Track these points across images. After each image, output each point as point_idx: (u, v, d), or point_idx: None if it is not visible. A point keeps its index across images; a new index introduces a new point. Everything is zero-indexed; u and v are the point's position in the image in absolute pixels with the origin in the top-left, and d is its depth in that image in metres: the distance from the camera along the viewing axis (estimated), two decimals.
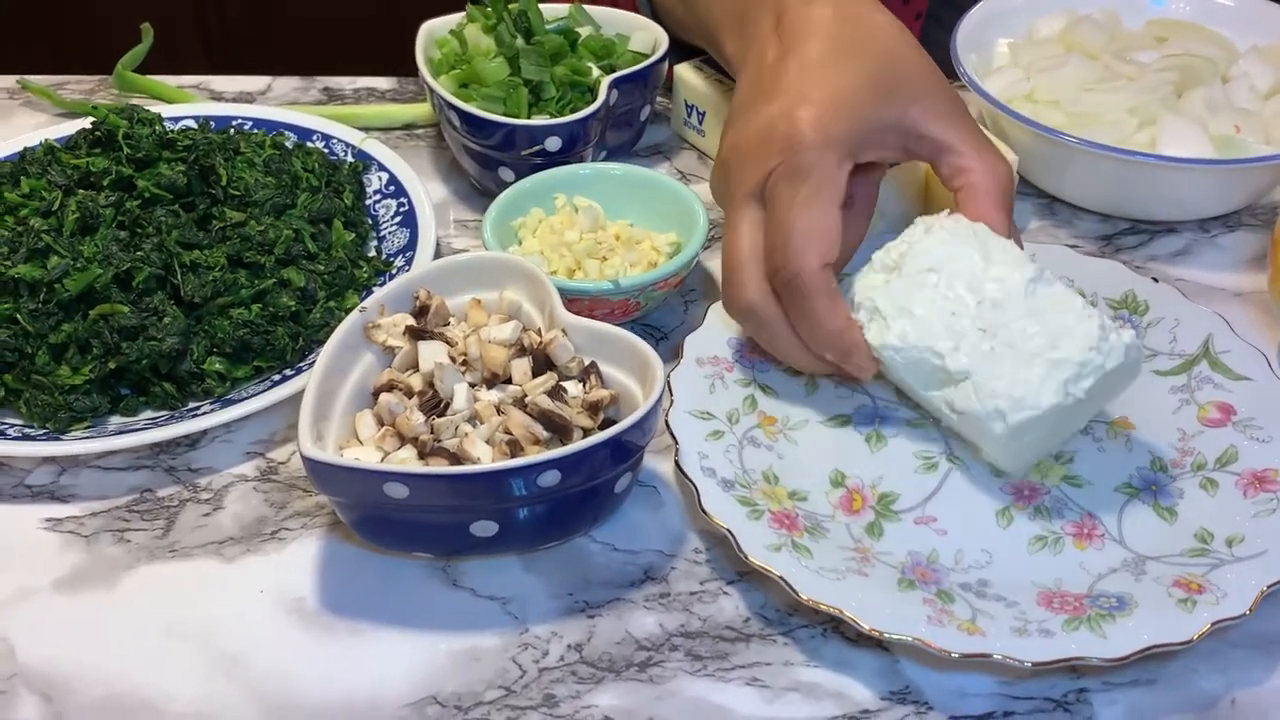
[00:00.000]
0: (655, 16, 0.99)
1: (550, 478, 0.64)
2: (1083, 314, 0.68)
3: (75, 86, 1.07)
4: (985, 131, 0.78)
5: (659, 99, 1.00)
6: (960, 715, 0.63)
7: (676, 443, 0.71)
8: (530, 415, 0.68)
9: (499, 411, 0.69)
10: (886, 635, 0.63)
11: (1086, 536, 0.70)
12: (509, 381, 0.71)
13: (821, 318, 0.70)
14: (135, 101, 1.00)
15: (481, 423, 0.68)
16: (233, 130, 0.92)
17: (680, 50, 0.98)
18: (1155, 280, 0.81)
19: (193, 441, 0.77)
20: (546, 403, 0.68)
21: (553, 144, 0.88)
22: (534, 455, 0.65)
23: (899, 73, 0.74)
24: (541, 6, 0.96)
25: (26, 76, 1.05)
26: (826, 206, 0.70)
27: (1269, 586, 0.64)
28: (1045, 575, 0.68)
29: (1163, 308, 0.80)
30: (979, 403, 0.68)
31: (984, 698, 0.64)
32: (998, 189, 0.73)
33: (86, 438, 0.74)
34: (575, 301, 0.78)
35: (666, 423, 0.72)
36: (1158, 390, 0.77)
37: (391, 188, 0.91)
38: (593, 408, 0.69)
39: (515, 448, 0.67)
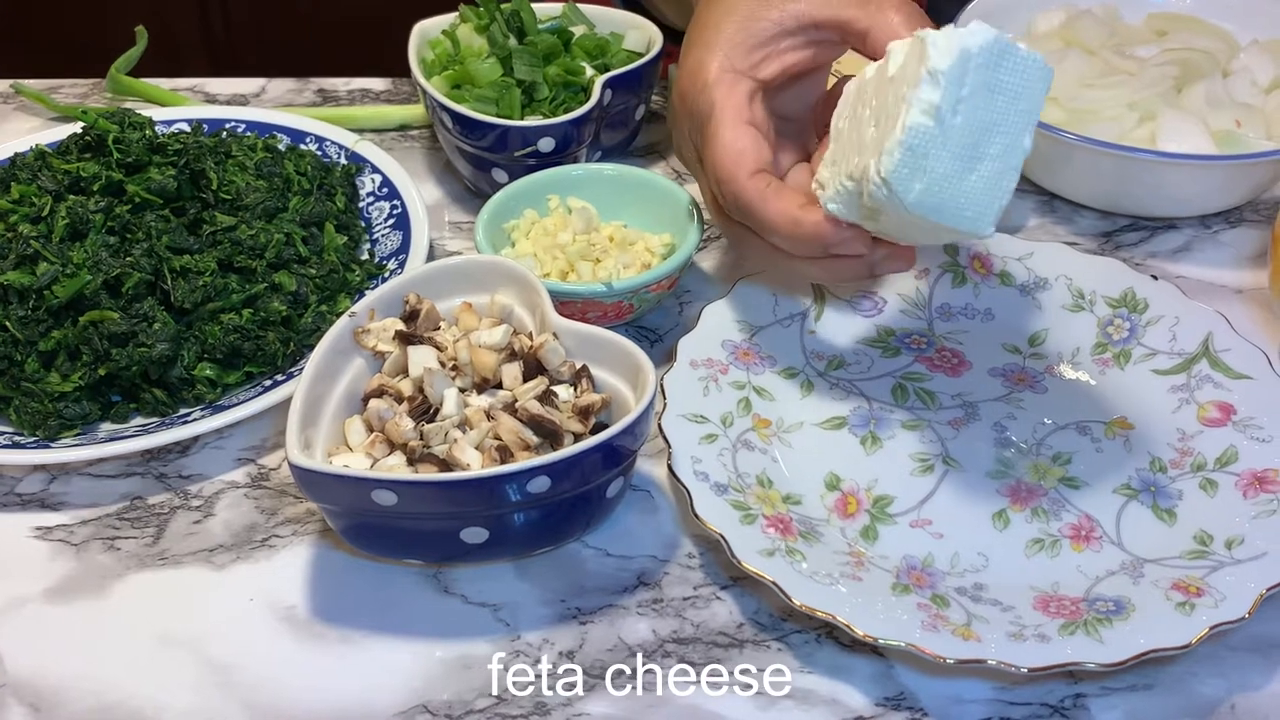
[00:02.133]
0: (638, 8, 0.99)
1: (540, 484, 0.64)
2: (925, 35, 0.62)
3: (69, 90, 1.07)
4: None
5: (654, 97, 0.99)
6: None
7: (669, 446, 0.70)
8: (521, 420, 0.68)
9: (489, 417, 0.68)
10: (881, 641, 0.62)
11: (1084, 539, 0.69)
12: (499, 386, 0.71)
13: (774, 219, 0.70)
14: (128, 105, 0.99)
15: (471, 428, 0.68)
16: (225, 133, 0.92)
17: (675, 48, 0.97)
18: (1155, 278, 0.80)
19: (183, 448, 0.76)
20: (537, 408, 0.68)
21: (546, 145, 0.87)
22: (524, 461, 0.64)
23: None
24: (535, 6, 0.95)
25: (20, 81, 1.05)
26: (733, 127, 0.72)
27: (1269, 589, 0.63)
28: (1042, 578, 0.67)
29: (1162, 306, 0.79)
30: (868, 175, 0.62)
31: (980, 703, 0.63)
32: (905, 8, 0.71)
33: (77, 445, 0.74)
34: (568, 304, 0.77)
35: (659, 426, 0.71)
36: (1157, 390, 0.76)
37: (385, 190, 0.90)
38: (584, 412, 0.69)
39: (505, 453, 0.66)
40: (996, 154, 0.62)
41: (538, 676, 0.65)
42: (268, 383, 0.78)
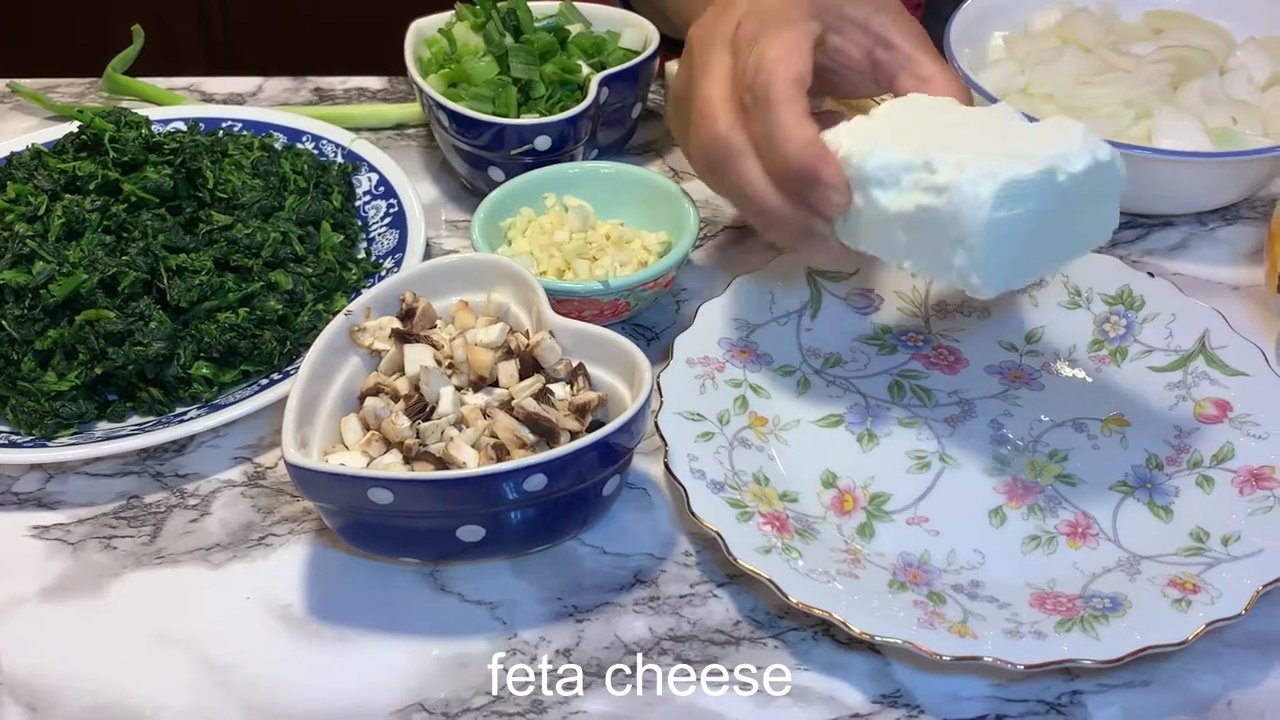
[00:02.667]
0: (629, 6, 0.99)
1: (537, 482, 0.64)
2: (1067, 123, 0.66)
3: (66, 90, 1.06)
4: None
5: (651, 95, 0.99)
6: (953, 718, 0.62)
7: (666, 444, 0.70)
8: (517, 419, 0.68)
9: (485, 415, 0.68)
10: (877, 638, 0.62)
11: (1080, 536, 0.69)
12: (496, 384, 0.71)
13: (793, 127, 0.67)
14: (125, 104, 0.99)
15: (467, 426, 0.68)
16: (221, 132, 0.92)
17: (672, 46, 0.97)
18: (1151, 275, 0.80)
19: (180, 447, 0.76)
20: (533, 406, 0.68)
21: (542, 143, 0.87)
22: (520, 459, 0.64)
23: None
24: (531, 4, 0.95)
25: (16, 80, 1.05)
26: (797, 34, 0.70)
27: (1265, 586, 0.63)
28: (1038, 575, 0.67)
29: (1159, 303, 0.79)
30: (966, 169, 0.63)
31: (977, 700, 0.63)
32: (961, 97, 0.71)
33: (73, 444, 0.74)
34: (565, 302, 0.77)
35: (656, 424, 0.71)
36: (1153, 386, 0.76)
37: (381, 189, 0.90)
38: (580, 410, 0.69)
39: (501, 451, 0.66)
40: (1050, 247, 0.66)
41: (535, 675, 0.65)
42: (264, 381, 0.78)
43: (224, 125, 0.94)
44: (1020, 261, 0.65)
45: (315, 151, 0.93)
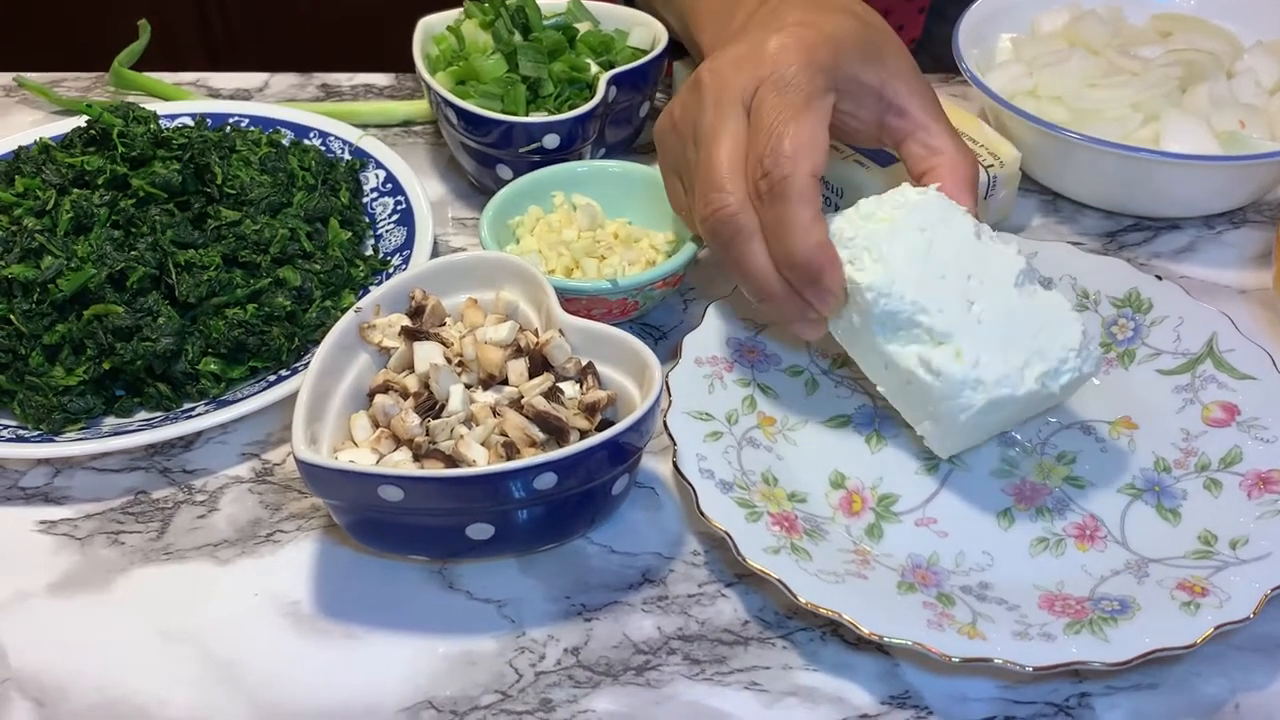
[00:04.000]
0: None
1: (546, 480, 0.63)
2: (1068, 314, 0.69)
3: (72, 84, 1.06)
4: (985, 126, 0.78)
5: (658, 95, 0.99)
6: None
7: (674, 444, 0.70)
8: (526, 417, 0.67)
9: (495, 413, 0.68)
10: (886, 639, 0.62)
11: (1089, 538, 0.69)
12: (505, 383, 0.71)
13: (806, 227, 0.67)
14: (131, 99, 0.99)
15: (477, 424, 0.68)
16: (229, 128, 0.92)
17: (680, 46, 0.97)
18: (1159, 278, 0.80)
19: (187, 443, 0.76)
20: (543, 404, 0.67)
21: (551, 141, 0.87)
22: (530, 458, 0.64)
23: (883, 45, 0.74)
24: (540, 2, 0.95)
25: (23, 74, 1.05)
26: (818, 120, 0.69)
27: (1273, 589, 0.63)
28: (1047, 578, 0.67)
29: (1166, 306, 0.79)
30: (961, 367, 0.67)
31: (985, 702, 0.63)
32: (970, 176, 0.72)
33: (81, 439, 0.74)
34: (573, 301, 0.77)
35: (664, 424, 0.71)
36: (1161, 390, 0.76)
37: (389, 185, 0.90)
38: (590, 409, 0.69)
39: (511, 450, 0.66)
40: (1008, 422, 0.72)
41: (542, 673, 0.65)
42: (272, 378, 0.78)
43: (231, 121, 0.94)
44: (979, 439, 0.72)
45: (323, 148, 0.93)
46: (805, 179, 0.67)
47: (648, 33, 0.96)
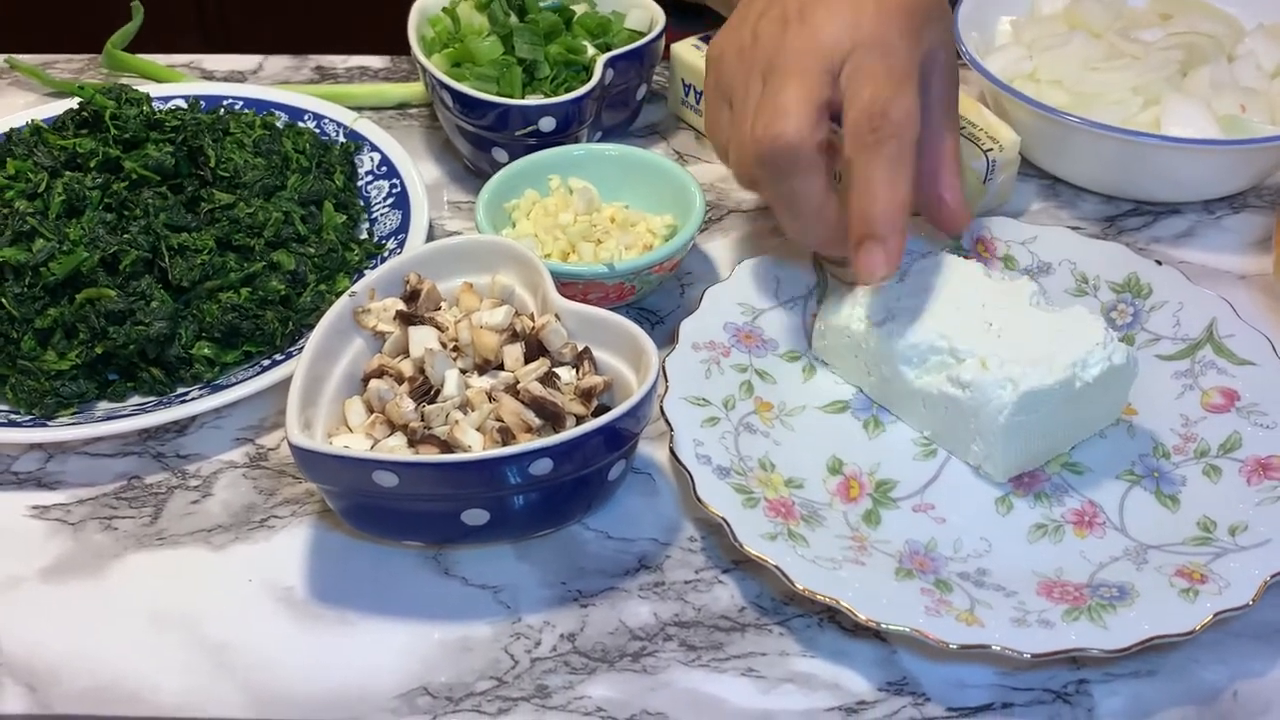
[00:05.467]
0: None
1: (542, 466, 0.63)
2: (1088, 316, 0.71)
3: (65, 66, 1.06)
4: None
5: (655, 77, 0.98)
6: (959, 707, 0.62)
7: (671, 429, 0.70)
8: (522, 402, 0.67)
9: (490, 398, 0.68)
10: (883, 626, 0.62)
11: (1087, 524, 0.69)
12: (501, 367, 0.70)
13: (898, 184, 0.68)
14: (125, 81, 0.98)
15: (473, 409, 0.67)
16: (223, 110, 0.91)
17: (678, 27, 0.96)
18: (1159, 263, 0.80)
19: (181, 428, 0.76)
20: (538, 389, 0.67)
21: (547, 124, 0.86)
22: (526, 443, 0.63)
23: (946, 11, 0.75)
24: None
25: (15, 55, 1.04)
26: (917, 92, 0.70)
27: (1272, 576, 0.63)
28: (1045, 564, 0.67)
29: (1166, 291, 0.78)
30: (988, 374, 0.68)
31: (983, 689, 0.63)
32: (958, 160, 0.75)
33: (73, 424, 0.73)
34: (569, 285, 0.77)
35: (661, 409, 0.71)
36: (1160, 375, 0.76)
37: (384, 169, 0.90)
38: (586, 394, 0.68)
39: (507, 435, 0.66)
40: (1061, 435, 0.71)
41: (538, 659, 0.64)
42: (266, 362, 0.77)
43: (225, 103, 0.94)
44: (1032, 451, 0.70)
45: (317, 131, 0.92)
46: (910, 142, 0.68)
47: (645, 14, 0.95)
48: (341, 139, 0.92)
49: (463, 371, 0.70)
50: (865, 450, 0.73)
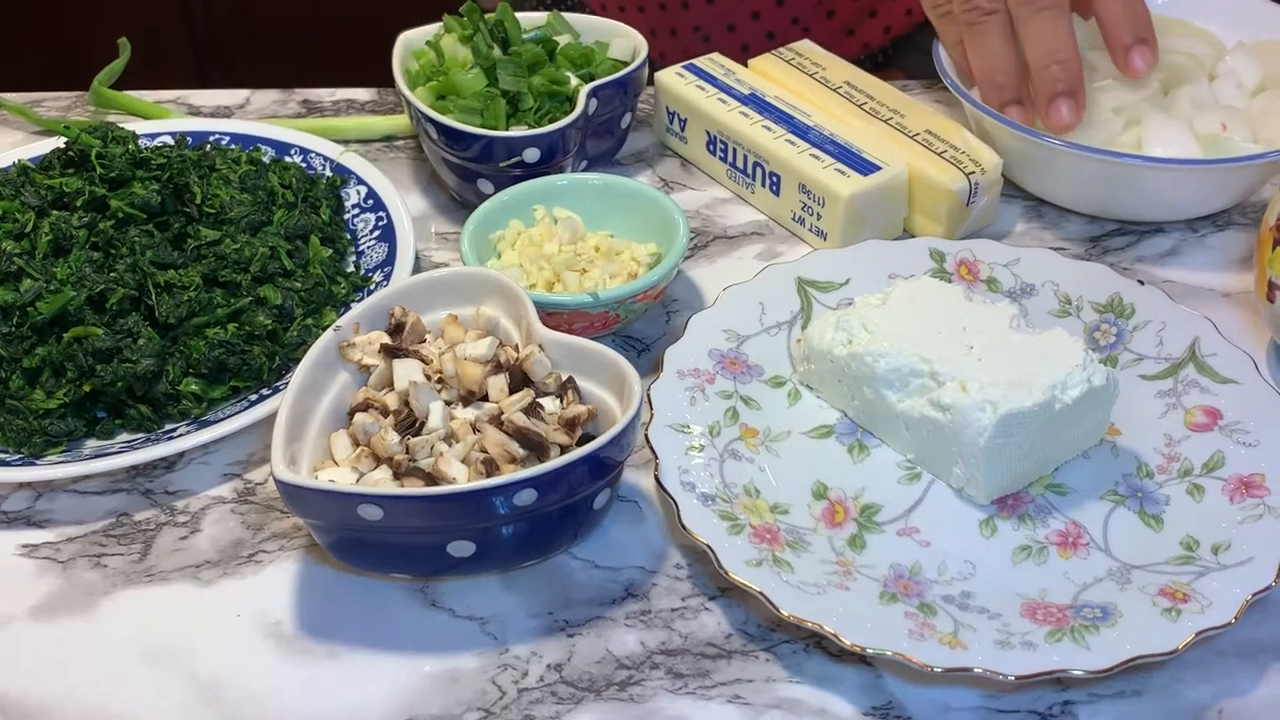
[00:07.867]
0: None
1: (527, 496, 0.63)
2: (1068, 340, 0.71)
3: (52, 103, 1.06)
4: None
5: (641, 105, 0.99)
6: None
7: (656, 457, 0.70)
8: (507, 433, 0.67)
9: (475, 430, 0.68)
10: (868, 650, 0.62)
11: (1071, 545, 0.69)
12: (485, 399, 0.70)
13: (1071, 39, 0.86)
14: (112, 118, 0.99)
15: (457, 441, 0.68)
16: (209, 146, 0.91)
17: (661, 57, 0.97)
18: (1141, 283, 0.80)
19: (169, 464, 0.76)
20: (523, 420, 0.67)
21: (531, 155, 0.87)
22: (510, 474, 0.64)
23: None
24: (519, 15, 0.95)
25: (2, 94, 1.05)
26: None
27: (1255, 594, 0.63)
28: (1029, 586, 0.67)
29: (1149, 311, 0.79)
30: (968, 396, 0.68)
31: (968, 711, 0.63)
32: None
33: (62, 462, 0.73)
34: (554, 315, 0.77)
35: (646, 437, 0.71)
36: (1144, 395, 0.76)
37: (370, 201, 0.90)
38: (570, 424, 0.69)
39: (491, 466, 0.66)
40: (1044, 458, 0.71)
41: (525, 690, 0.65)
42: (253, 397, 0.77)
43: (211, 139, 0.94)
44: (1015, 473, 0.71)
45: (303, 164, 0.93)
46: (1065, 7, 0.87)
47: (627, 44, 0.96)
48: (328, 172, 0.92)
49: (448, 403, 0.70)
50: (850, 475, 0.73)
